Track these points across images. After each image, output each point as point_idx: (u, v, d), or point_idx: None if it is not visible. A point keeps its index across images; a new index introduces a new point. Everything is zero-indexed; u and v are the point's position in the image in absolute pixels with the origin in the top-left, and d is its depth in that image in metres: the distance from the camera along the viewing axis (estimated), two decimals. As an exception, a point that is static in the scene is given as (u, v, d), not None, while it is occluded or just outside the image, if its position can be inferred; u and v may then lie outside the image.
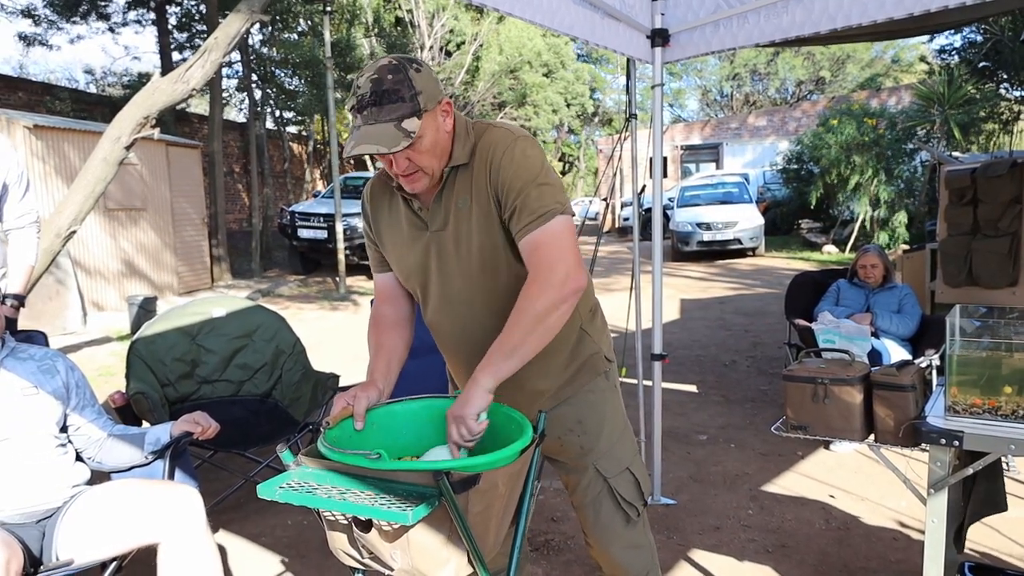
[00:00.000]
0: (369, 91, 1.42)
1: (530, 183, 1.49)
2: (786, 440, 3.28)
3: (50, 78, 18.83)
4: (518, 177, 1.49)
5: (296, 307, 9.87)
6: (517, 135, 1.55)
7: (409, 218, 1.62)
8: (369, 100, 1.41)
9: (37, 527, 1.98)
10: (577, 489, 1.75)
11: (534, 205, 1.47)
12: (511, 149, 1.51)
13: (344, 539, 1.37)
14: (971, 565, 2.38)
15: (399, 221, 1.64)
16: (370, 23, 16.86)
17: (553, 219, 1.47)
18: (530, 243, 1.47)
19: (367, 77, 1.44)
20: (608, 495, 1.73)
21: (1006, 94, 12.27)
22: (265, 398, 3.75)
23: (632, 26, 2.94)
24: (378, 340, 1.67)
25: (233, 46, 4.73)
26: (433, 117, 1.47)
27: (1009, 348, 1.74)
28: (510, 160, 1.50)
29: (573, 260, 1.46)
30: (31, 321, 6.90)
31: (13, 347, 2.12)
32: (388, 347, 1.66)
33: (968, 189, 5.06)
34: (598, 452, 1.72)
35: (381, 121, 1.41)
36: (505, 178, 1.50)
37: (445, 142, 1.51)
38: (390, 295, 1.73)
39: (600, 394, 1.74)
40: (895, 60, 27.70)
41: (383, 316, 1.72)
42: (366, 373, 1.63)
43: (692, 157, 24.35)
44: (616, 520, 1.74)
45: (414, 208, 1.61)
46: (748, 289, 10.25)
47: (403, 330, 1.71)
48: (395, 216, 1.65)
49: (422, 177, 1.51)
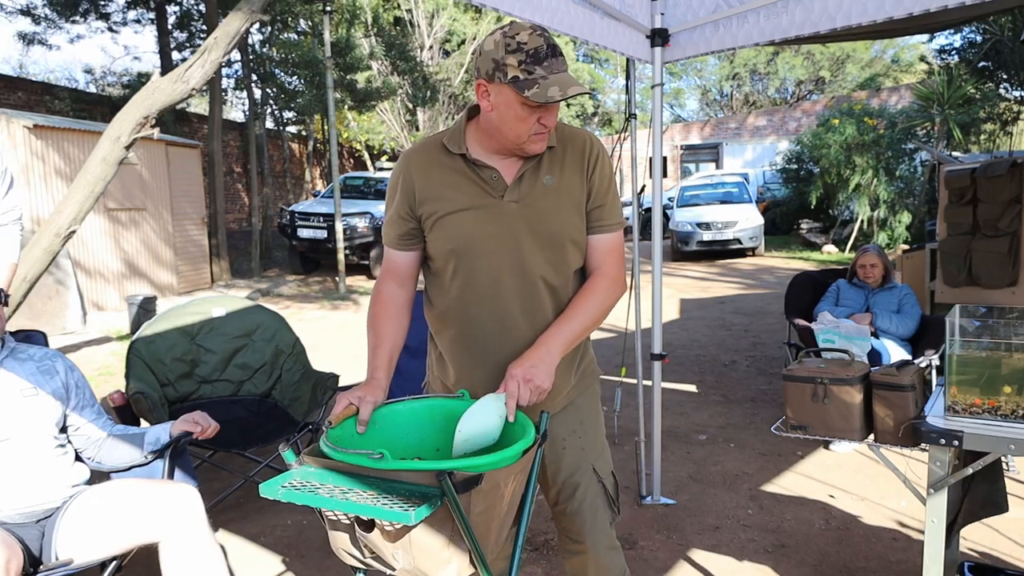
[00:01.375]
0: (544, 44, 1.48)
1: (611, 190, 1.69)
2: (786, 440, 3.28)
3: (50, 78, 18.82)
4: (606, 179, 1.68)
5: (296, 307, 9.87)
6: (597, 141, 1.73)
7: (478, 184, 1.60)
8: (547, 52, 1.48)
9: (37, 527, 1.98)
10: (575, 494, 1.73)
11: (614, 212, 1.69)
12: (604, 154, 1.69)
13: (346, 539, 1.38)
14: (971, 565, 2.38)
15: (463, 186, 1.61)
16: (370, 23, 16.85)
17: (619, 230, 1.70)
18: (603, 242, 1.67)
19: (529, 33, 1.49)
20: (602, 495, 1.75)
21: (1006, 94, 12.28)
22: (265, 398, 3.75)
23: (632, 26, 2.94)
24: (381, 330, 1.64)
25: (233, 46, 4.73)
26: None
27: (1009, 348, 1.74)
28: (604, 163, 1.69)
29: (623, 268, 1.70)
30: (31, 321, 6.91)
31: (13, 347, 2.12)
32: (391, 339, 1.64)
33: (968, 189, 5.06)
34: (595, 453, 1.76)
35: (561, 71, 1.49)
36: (600, 176, 1.67)
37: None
38: (404, 276, 1.70)
39: (595, 397, 1.82)
40: (895, 60, 27.70)
41: (391, 296, 1.68)
42: (367, 368, 1.60)
43: (692, 157, 24.36)
44: (605, 521, 1.76)
45: (485, 177, 1.60)
46: (748, 289, 10.25)
47: (404, 317, 1.70)
48: (456, 181, 1.61)
49: (546, 138, 1.59)
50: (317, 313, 9.57)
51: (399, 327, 1.67)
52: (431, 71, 17.49)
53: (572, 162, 1.64)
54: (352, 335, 7.85)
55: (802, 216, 15.38)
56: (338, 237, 11.05)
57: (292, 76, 14.65)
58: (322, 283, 11.85)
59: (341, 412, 1.46)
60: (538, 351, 1.52)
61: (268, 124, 15.79)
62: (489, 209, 1.59)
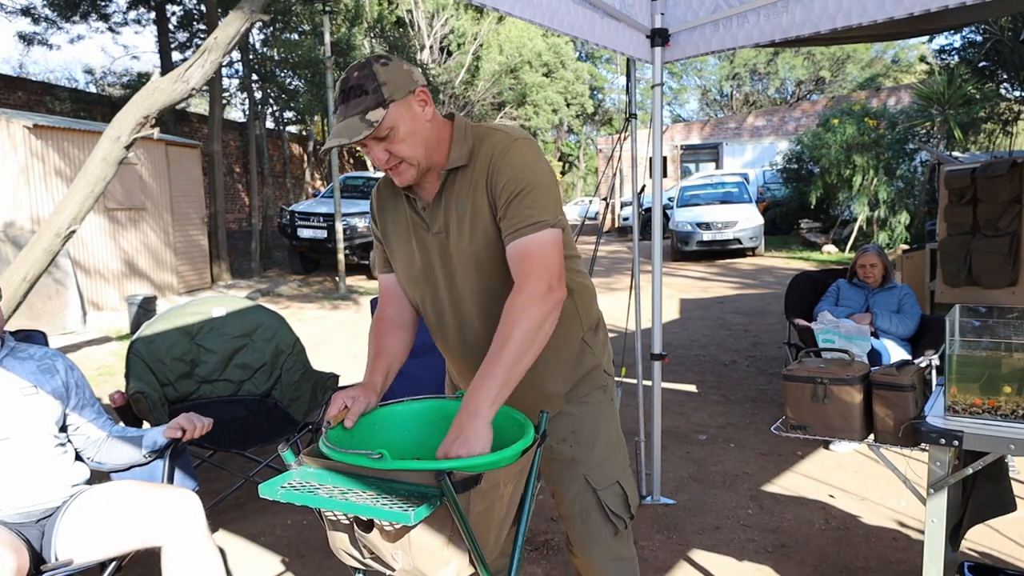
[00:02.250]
0: (339, 91, 1.49)
1: (525, 188, 1.49)
2: (786, 440, 3.28)
3: (50, 78, 18.84)
4: (513, 180, 1.50)
5: (296, 307, 9.87)
6: (516, 136, 1.56)
7: (413, 219, 1.63)
8: (339, 99, 1.49)
9: (37, 526, 1.98)
10: (565, 499, 1.73)
11: (526, 212, 1.48)
12: (509, 151, 1.52)
13: (345, 539, 1.38)
14: (971, 565, 2.38)
15: (404, 222, 1.65)
16: (371, 23, 16.85)
17: (544, 230, 1.48)
18: (518, 250, 1.48)
19: (339, 79, 1.51)
20: (596, 507, 1.71)
21: (1006, 94, 12.27)
22: (265, 398, 3.75)
23: (632, 26, 2.94)
24: (379, 344, 1.67)
25: (233, 46, 4.73)
26: (406, 106, 1.48)
27: (1009, 348, 1.74)
28: (508, 163, 1.51)
29: (558, 273, 1.49)
30: (31, 321, 6.91)
31: (13, 347, 2.12)
32: (388, 353, 1.66)
33: (968, 189, 5.06)
34: (589, 464, 1.70)
35: (348, 116, 1.46)
36: (500, 180, 1.51)
37: (428, 132, 1.53)
38: (394, 296, 1.73)
39: (596, 406, 1.74)
40: (895, 60, 27.72)
41: (387, 318, 1.72)
42: (364, 375, 1.63)
43: (692, 157, 24.35)
44: (602, 532, 1.72)
45: (417, 209, 1.62)
46: (748, 289, 10.25)
47: (405, 333, 1.71)
48: (400, 217, 1.66)
49: (408, 168, 1.53)
50: (317, 313, 9.57)
51: (399, 342, 1.69)
52: (432, 72, 17.49)
53: (479, 178, 1.54)
54: (352, 335, 7.85)
55: (802, 216, 15.39)
56: (338, 237, 11.05)
57: (292, 76, 14.66)
58: (322, 283, 11.86)
59: (336, 414, 1.47)
60: (466, 415, 1.37)
61: (268, 124, 15.80)
62: (422, 243, 1.62)
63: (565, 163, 37.54)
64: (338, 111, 1.48)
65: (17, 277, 4.39)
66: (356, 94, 1.45)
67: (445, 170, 1.55)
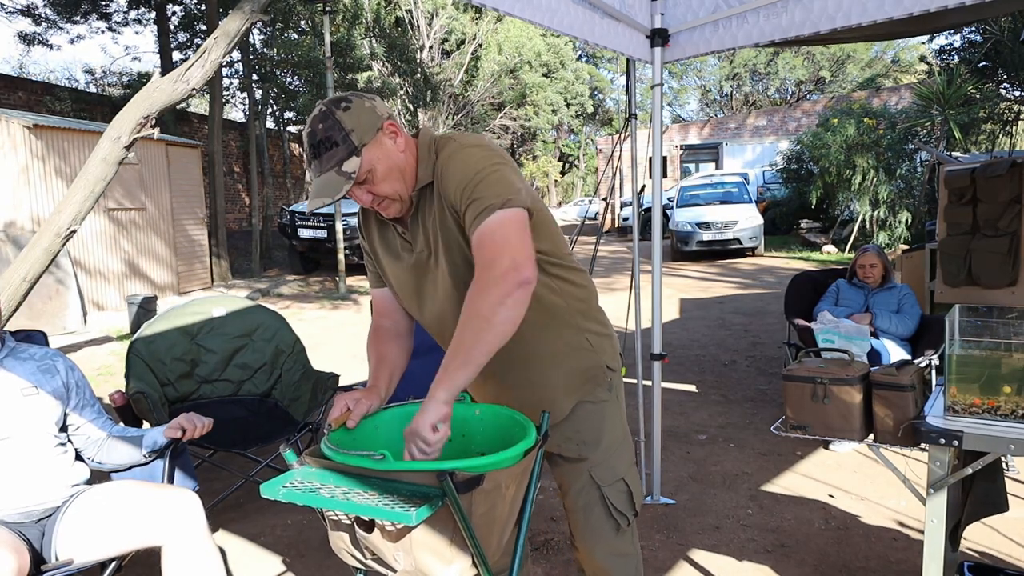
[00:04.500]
0: (308, 146, 1.48)
1: (469, 184, 1.45)
2: (785, 440, 3.29)
3: (50, 78, 18.85)
4: (459, 184, 1.47)
5: (296, 307, 9.87)
6: (463, 143, 1.53)
7: (398, 238, 1.64)
8: (309, 155, 1.47)
9: (37, 526, 1.98)
10: (570, 493, 1.74)
11: (475, 205, 1.44)
12: (452, 159, 1.50)
13: (347, 539, 1.38)
14: (971, 565, 2.38)
15: (391, 243, 1.66)
16: (370, 23, 16.85)
17: (493, 213, 1.42)
18: (474, 242, 1.44)
19: (305, 132, 1.49)
20: (600, 503, 1.72)
21: (1006, 94, 12.27)
22: (265, 398, 3.75)
23: (632, 26, 2.94)
24: (380, 352, 1.68)
25: (233, 46, 4.73)
26: (378, 146, 1.47)
27: (1009, 348, 1.74)
28: (452, 171, 1.49)
29: (516, 252, 1.40)
30: (31, 321, 6.91)
31: (13, 347, 2.12)
32: (390, 359, 1.67)
33: (968, 189, 5.06)
34: (594, 461, 1.71)
35: (324, 171, 1.45)
36: (449, 189, 1.48)
37: (403, 162, 1.51)
38: (388, 309, 1.75)
39: (599, 404, 1.73)
40: (895, 60, 27.73)
41: (383, 329, 1.73)
42: (368, 380, 1.64)
43: (692, 157, 24.36)
44: (605, 527, 1.73)
45: (399, 231, 1.63)
46: (748, 289, 10.25)
47: (403, 341, 1.73)
48: (386, 238, 1.67)
49: (392, 204, 1.53)
50: (317, 313, 9.57)
51: (398, 349, 1.71)
52: (432, 72, 17.50)
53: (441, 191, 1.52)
54: (352, 335, 7.86)
55: (802, 216, 15.40)
56: (338, 237, 11.05)
57: (292, 76, 14.66)
58: (322, 283, 11.86)
59: (339, 417, 1.48)
60: (426, 402, 1.37)
61: (268, 124, 15.80)
62: (408, 263, 1.63)
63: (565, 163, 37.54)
64: (311, 166, 1.47)
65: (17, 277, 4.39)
66: (326, 147, 1.44)
67: (415, 190, 1.54)
